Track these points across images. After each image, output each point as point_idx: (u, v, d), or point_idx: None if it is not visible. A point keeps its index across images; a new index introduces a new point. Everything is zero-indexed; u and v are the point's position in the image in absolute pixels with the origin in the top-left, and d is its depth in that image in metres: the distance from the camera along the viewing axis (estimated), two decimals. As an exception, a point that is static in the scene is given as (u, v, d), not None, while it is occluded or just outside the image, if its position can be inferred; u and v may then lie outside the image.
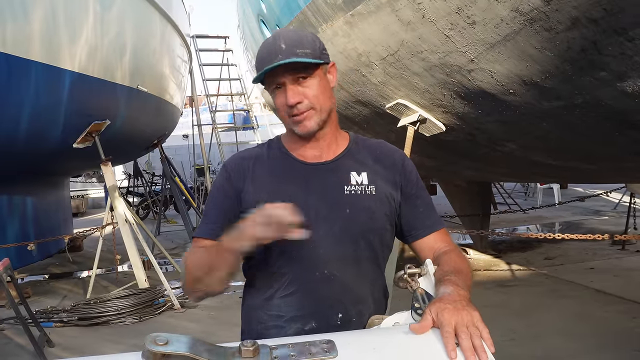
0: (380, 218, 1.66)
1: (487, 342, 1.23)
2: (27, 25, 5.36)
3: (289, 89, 1.57)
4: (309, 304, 1.61)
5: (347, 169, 1.68)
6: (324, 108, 1.63)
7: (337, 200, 1.63)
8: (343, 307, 1.62)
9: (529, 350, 4.48)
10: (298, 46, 1.55)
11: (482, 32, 3.10)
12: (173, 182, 11.16)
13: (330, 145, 1.70)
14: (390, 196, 1.68)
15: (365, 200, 1.64)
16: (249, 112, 15.64)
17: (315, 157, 1.69)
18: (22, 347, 5.08)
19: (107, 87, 6.87)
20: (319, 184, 1.65)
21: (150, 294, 6.17)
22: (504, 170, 6.24)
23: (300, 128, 1.61)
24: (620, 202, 12.43)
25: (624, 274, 6.78)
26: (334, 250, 1.61)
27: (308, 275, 1.61)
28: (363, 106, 5.48)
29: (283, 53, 1.54)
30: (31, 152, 6.26)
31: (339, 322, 1.60)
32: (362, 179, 1.66)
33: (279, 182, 1.66)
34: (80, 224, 12.02)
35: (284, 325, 1.62)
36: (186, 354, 1.10)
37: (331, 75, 1.68)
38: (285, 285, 1.63)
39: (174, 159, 14.65)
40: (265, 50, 1.58)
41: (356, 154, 1.72)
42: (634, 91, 2.80)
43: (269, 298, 1.65)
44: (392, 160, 1.74)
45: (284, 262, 1.62)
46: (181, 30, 10.32)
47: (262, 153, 1.75)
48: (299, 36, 1.60)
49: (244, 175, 1.69)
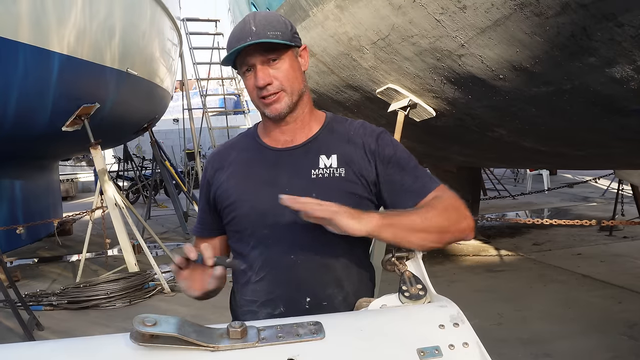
0: (349, 200, 1.57)
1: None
2: (14, 7, 5.29)
3: (259, 70, 1.57)
4: (277, 288, 1.64)
5: (316, 152, 1.67)
6: (295, 90, 1.62)
7: (304, 185, 1.62)
8: (312, 291, 1.63)
9: (516, 333, 4.53)
10: (269, 28, 1.55)
11: (472, 16, 3.10)
12: (163, 166, 11.13)
13: (303, 129, 1.70)
14: (364, 176, 1.65)
15: (333, 183, 1.62)
16: (239, 97, 15.54)
17: (287, 142, 1.69)
18: (12, 330, 5.09)
19: (97, 69, 6.81)
20: (288, 169, 1.65)
21: (140, 277, 6.17)
22: (494, 155, 6.26)
23: (271, 110, 1.62)
24: (608, 188, 12.54)
25: (611, 259, 6.85)
26: (300, 236, 1.60)
27: (276, 261, 1.64)
28: (354, 91, 5.47)
29: (253, 35, 1.53)
30: (19, 135, 6.22)
31: (307, 306, 1.61)
32: (332, 162, 1.65)
33: (249, 170, 1.69)
34: (69, 208, 11.96)
35: (257, 310, 1.65)
36: (174, 334, 1.11)
37: (302, 59, 1.67)
38: (257, 270, 1.66)
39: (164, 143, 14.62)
40: (237, 33, 1.57)
41: (329, 135, 1.71)
42: (622, 77, 2.81)
43: (246, 283, 1.70)
44: (366, 139, 1.69)
45: (255, 249, 1.66)
46: (171, 13, 10.24)
47: (238, 142, 1.80)
48: (269, 19, 1.58)
49: (220, 168, 1.75)
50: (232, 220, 1.69)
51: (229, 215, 1.69)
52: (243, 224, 1.67)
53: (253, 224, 1.65)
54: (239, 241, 1.71)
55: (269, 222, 1.62)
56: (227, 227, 1.73)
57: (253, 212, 1.64)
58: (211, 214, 1.78)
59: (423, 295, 1.37)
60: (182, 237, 9.69)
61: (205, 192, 1.79)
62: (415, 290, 1.37)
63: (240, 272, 1.72)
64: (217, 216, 1.76)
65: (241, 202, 1.66)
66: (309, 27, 4.94)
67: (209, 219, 1.80)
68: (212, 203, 1.75)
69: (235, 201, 1.67)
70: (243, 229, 1.68)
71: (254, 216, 1.64)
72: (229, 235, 1.76)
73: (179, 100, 15.89)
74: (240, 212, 1.66)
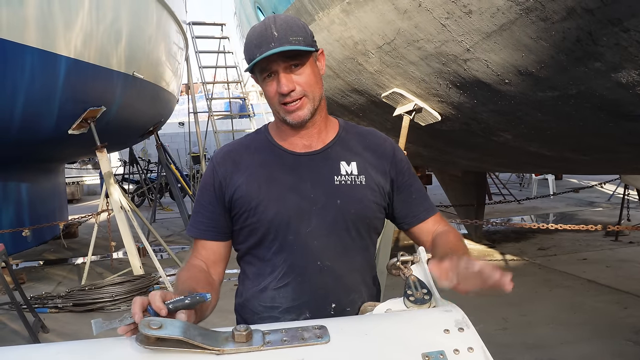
0: (370, 207, 1.67)
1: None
2: (22, 10, 5.32)
3: (282, 77, 1.55)
4: (303, 294, 1.62)
5: (336, 158, 1.68)
6: (316, 96, 1.62)
7: (328, 190, 1.63)
8: (336, 297, 1.63)
9: (521, 338, 4.52)
10: (290, 33, 1.53)
11: (478, 21, 3.10)
12: (168, 170, 11.15)
13: (320, 134, 1.70)
14: (381, 185, 1.69)
15: (355, 190, 1.64)
16: (245, 100, 15.58)
17: (305, 146, 1.68)
18: (17, 333, 5.10)
19: (103, 73, 6.83)
20: (309, 174, 1.65)
21: (145, 280, 6.19)
22: (499, 160, 6.25)
23: (293, 117, 1.60)
24: (614, 193, 12.49)
25: (617, 264, 6.83)
26: (326, 241, 1.62)
27: (302, 267, 1.62)
28: (359, 95, 5.47)
29: (276, 41, 1.51)
30: (26, 138, 6.24)
31: (333, 312, 1.62)
32: (352, 169, 1.66)
33: (269, 174, 1.65)
34: (75, 211, 12.01)
35: (279, 316, 1.63)
36: (180, 337, 1.11)
37: (320, 63, 1.67)
38: (280, 277, 1.64)
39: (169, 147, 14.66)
40: (256, 37, 1.55)
41: (346, 141, 1.72)
42: (628, 82, 2.80)
43: (263, 289, 1.66)
44: (382, 149, 1.74)
45: (278, 254, 1.63)
46: (177, 17, 10.26)
47: (250, 144, 1.74)
48: (290, 23, 1.56)
49: (232, 169, 1.68)
50: (252, 224, 1.64)
51: (249, 219, 1.64)
52: (266, 229, 1.63)
53: (277, 229, 1.61)
54: (258, 246, 1.66)
55: (294, 227, 1.61)
56: (243, 230, 1.67)
57: (278, 217, 1.61)
58: (225, 217, 1.69)
59: (428, 300, 1.37)
60: (187, 240, 9.69)
61: (216, 193, 1.68)
62: (420, 294, 1.37)
63: (252, 278, 1.70)
64: (230, 219, 1.69)
65: (265, 207, 1.61)
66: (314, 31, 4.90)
67: (222, 221, 1.69)
68: (228, 206, 1.67)
69: (257, 205, 1.62)
70: (266, 233, 1.63)
71: (279, 221, 1.61)
72: (242, 239, 1.69)
73: (184, 103, 15.94)
74: (264, 217, 1.62)
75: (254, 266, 1.69)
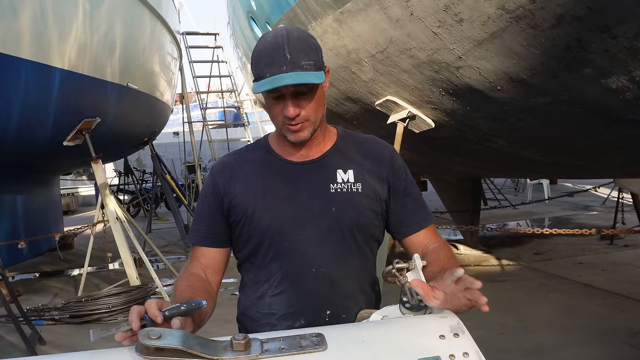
0: (366, 215, 1.68)
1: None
2: (16, 23, 5.34)
3: (289, 103, 1.55)
4: (298, 302, 1.64)
5: (333, 166, 1.69)
6: (318, 119, 1.63)
7: (324, 199, 1.64)
8: (332, 304, 1.65)
9: (518, 343, 4.53)
10: (303, 57, 1.52)
11: (469, 29, 3.13)
12: (164, 180, 11.14)
13: (318, 144, 1.71)
14: (378, 192, 1.70)
15: (351, 198, 1.66)
16: (239, 109, 15.63)
17: (302, 155, 1.70)
18: (14, 345, 5.07)
19: (97, 84, 6.85)
20: (305, 183, 1.67)
21: (142, 291, 6.17)
22: (494, 166, 6.28)
23: (294, 137, 1.61)
24: (608, 197, 12.54)
25: (612, 268, 6.85)
26: (321, 249, 1.63)
27: (297, 274, 1.64)
28: (353, 103, 5.50)
29: (288, 64, 1.49)
30: (21, 150, 6.24)
31: (328, 319, 1.63)
32: (349, 177, 1.68)
33: (266, 182, 1.67)
34: (70, 222, 11.97)
35: (276, 323, 1.65)
36: (179, 347, 1.12)
37: (325, 82, 1.65)
38: (276, 284, 1.66)
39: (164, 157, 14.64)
40: (267, 55, 1.53)
41: (343, 150, 1.73)
42: (617, 87, 2.84)
43: (261, 297, 1.69)
44: (380, 156, 1.75)
45: (274, 262, 1.65)
46: (171, 27, 10.29)
47: (249, 154, 1.77)
48: (302, 43, 1.54)
49: (230, 177, 1.70)
50: (249, 232, 1.66)
51: (245, 227, 1.66)
52: (262, 237, 1.65)
53: (272, 237, 1.64)
54: (254, 254, 1.68)
55: (289, 235, 1.63)
56: (240, 238, 1.69)
57: (273, 225, 1.63)
58: (225, 225, 1.71)
59: (424, 307, 1.39)
60: (183, 250, 9.68)
61: (215, 202, 1.70)
62: (416, 301, 1.39)
63: (250, 286, 1.72)
64: (229, 227, 1.72)
65: (260, 215, 1.64)
66: (308, 41, 4.97)
67: (222, 230, 1.72)
68: (226, 214, 1.69)
69: (253, 213, 1.64)
70: (261, 241, 1.65)
71: (273, 229, 1.63)
72: (240, 247, 1.72)
73: (179, 113, 15.99)
74: (259, 225, 1.64)
75: (252, 273, 1.72)
